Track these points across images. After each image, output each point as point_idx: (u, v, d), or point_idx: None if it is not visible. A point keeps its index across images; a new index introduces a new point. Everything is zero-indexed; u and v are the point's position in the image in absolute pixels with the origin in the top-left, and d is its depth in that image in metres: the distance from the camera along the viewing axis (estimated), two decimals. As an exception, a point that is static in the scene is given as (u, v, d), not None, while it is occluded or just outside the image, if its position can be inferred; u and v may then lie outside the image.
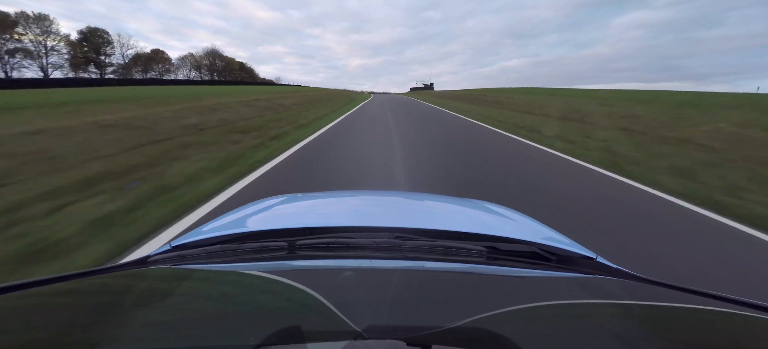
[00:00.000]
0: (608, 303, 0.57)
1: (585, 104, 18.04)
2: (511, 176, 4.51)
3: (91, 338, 0.38)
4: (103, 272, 0.63)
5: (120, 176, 3.89)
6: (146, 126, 7.33)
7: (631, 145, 6.94)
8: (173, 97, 19.09)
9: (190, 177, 3.93)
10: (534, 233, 0.94)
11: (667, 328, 0.48)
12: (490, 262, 0.72)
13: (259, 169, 4.53)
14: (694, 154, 6.00)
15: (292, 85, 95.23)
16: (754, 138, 7.28)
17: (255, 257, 0.71)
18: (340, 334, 0.38)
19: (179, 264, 0.70)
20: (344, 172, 4.57)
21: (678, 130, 8.52)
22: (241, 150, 5.67)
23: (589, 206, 3.33)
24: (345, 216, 1.01)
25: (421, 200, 1.31)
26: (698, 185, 4.12)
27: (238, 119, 9.98)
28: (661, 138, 7.80)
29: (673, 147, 6.76)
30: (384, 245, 0.73)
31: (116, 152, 5.02)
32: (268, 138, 7.07)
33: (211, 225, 0.94)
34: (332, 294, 0.51)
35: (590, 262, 0.79)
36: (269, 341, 0.36)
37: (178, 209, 3.02)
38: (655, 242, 2.57)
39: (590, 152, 6.19)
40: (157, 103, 14.26)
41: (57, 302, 0.50)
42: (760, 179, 4.38)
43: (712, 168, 4.99)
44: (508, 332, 0.42)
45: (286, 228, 0.83)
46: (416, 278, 0.62)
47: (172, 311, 0.48)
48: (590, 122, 10.91)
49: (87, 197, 3.15)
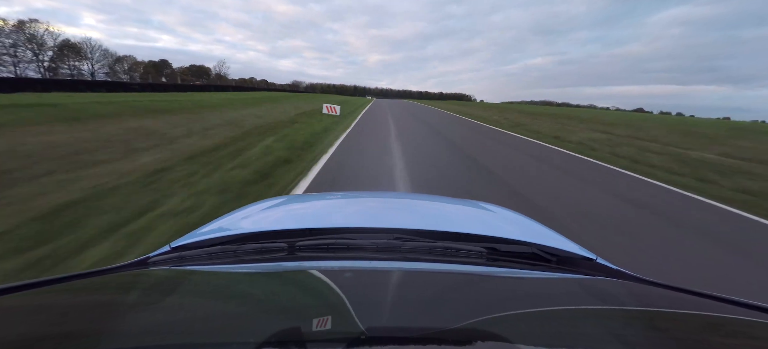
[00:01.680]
0: (608, 305, 0.57)
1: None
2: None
3: (92, 339, 0.38)
4: (104, 272, 0.63)
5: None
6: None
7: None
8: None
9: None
10: (534, 234, 0.94)
11: (667, 329, 0.48)
12: (490, 263, 0.72)
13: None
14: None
15: (255, 90, 68.34)
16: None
17: (255, 258, 0.71)
18: (341, 335, 0.38)
19: (179, 265, 0.70)
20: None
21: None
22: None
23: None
24: (345, 217, 1.02)
25: (420, 201, 1.31)
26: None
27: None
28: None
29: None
30: (384, 246, 0.73)
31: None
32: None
33: (211, 226, 0.94)
34: (332, 295, 0.51)
35: (590, 263, 0.79)
36: (269, 342, 0.36)
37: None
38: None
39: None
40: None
41: (57, 303, 0.50)
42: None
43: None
44: (508, 333, 0.42)
45: (286, 229, 0.83)
46: (416, 279, 0.62)
47: (172, 312, 0.48)
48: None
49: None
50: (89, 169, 4.55)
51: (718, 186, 5.60)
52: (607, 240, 3.06)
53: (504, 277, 0.66)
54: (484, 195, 4.37)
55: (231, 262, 0.70)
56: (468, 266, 0.69)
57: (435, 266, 0.67)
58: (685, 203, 4.56)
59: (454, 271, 0.66)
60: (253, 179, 4.53)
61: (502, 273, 0.67)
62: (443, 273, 0.65)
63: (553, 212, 3.75)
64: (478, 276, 0.65)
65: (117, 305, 0.50)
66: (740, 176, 6.47)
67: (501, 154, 7.65)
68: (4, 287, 0.51)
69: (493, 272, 0.67)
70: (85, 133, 7.29)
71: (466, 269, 0.67)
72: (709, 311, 0.54)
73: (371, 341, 0.36)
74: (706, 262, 2.78)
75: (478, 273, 0.66)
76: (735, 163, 8.11)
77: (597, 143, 10.43)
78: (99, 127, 8.12)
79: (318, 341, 0.37)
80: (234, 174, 4.70)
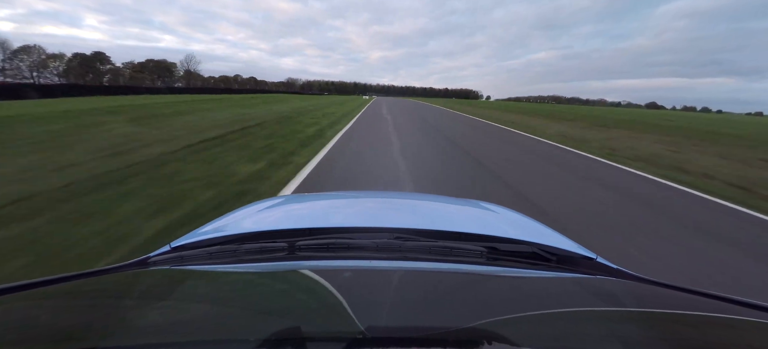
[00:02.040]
0: (608, 304, 0.57)
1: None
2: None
3: (92, 338, 0.38)
4: (104, 272, 0.63)
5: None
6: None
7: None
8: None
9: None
10: (534, 234, 0.94)
11: (667, 328, 0.48)
12: (490, 262, 0.72)
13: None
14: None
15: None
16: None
17: (255, 257, 0.71)
18: (340, 334, 0.38)
19: (179, 265, 0.70)
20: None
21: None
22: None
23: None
24: (345, 217, 1.02)
25: (420, 200, 1.32)
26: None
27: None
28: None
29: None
30: (384, 246, 0.73)
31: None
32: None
33: (211, 226, 0.94)
34: (332, 295, 0.51)
35: (590, 262, 0.79)
36: (269, 342, 0.36)
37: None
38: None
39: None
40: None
41: (57, 303, 0.50)
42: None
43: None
44: (508, 332, 0.42)
45: (285, 229, 0.83)
46: (416, 279, 0.62)
47: (172, 312, 0.48)
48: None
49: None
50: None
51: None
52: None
53: (504, 276, 0.66)
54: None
55: (231, 262, 0.69)
56: (468, 265, 0.69)
57: (435, 266, 0.67)
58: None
59: (454, 270, 0.66)
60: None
61: (503, 272, 0.67)
62: (443, 273, 0.65)
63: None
64: (479, 276, 0.65)
65: (117, 304, 0.50)
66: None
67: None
68: (4, 286, 0.50)
69: (493, 272, 0.67)
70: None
71: (467, 269, 0.67)
72: (709, 311, 0.54)
73: (371, 341, 0.36)
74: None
75: (479, 272, 0.66)
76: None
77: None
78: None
79: (318, 340, 0.37)
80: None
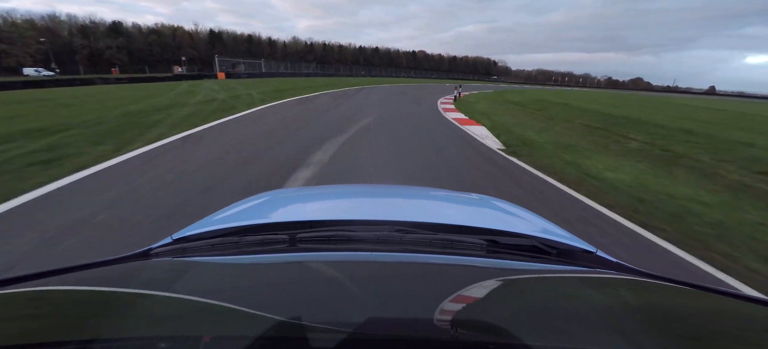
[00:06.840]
0: (607, 297, 0.57)
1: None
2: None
3: (93, 330, 0.39)
4: (105, 264, 0.64)
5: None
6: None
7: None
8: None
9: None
10: (534, 227, 0.94)
11: (665, 322, 0.48)
12: (491, 255, 0.72)
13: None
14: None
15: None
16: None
17: (256, 249, 0.71)
18: (341, 326, 0.39)
19: (181, 257, 0.71)
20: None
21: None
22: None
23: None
24: (346, 209, 1.02)
25: (421, 193, 1.32)
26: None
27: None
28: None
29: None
30: (384, 238, 0.74)
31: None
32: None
33: (212, 219, 0.94)
34: (333, 287, 0.52)
35: (590, 256, 0.79)
36: (270, 333, 0.36)
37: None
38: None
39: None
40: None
41: (59, 294, 0.51)
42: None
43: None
44: (508, 324, 0.42)
45: (287, 221, 0.83)
46: (416, 271, 0.63)
47: (174, 304, 0.48)
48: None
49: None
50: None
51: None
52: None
53: (504, 269, 0.66)
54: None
55: (232, 254, 0.70)
56: (468, 258, 0.69)
57: (435, 258, 0.67)
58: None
59: (454, 263, 0.66)
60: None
61: (502, 265, 0.68)
62: (443, 265, 0.65)
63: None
64: (479, 268, 0.65)
65: (119, 296, 0.51)
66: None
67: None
68: (6, 278, 0.51)
69: (493, 264, 0.68)
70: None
71: (467, 261, 0.67)
72: (707, 305, 0.55)
73: (371, 332, 0.36)
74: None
75: (479, 265, 0.67)
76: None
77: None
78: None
79: (319, 331, 0.37)
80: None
